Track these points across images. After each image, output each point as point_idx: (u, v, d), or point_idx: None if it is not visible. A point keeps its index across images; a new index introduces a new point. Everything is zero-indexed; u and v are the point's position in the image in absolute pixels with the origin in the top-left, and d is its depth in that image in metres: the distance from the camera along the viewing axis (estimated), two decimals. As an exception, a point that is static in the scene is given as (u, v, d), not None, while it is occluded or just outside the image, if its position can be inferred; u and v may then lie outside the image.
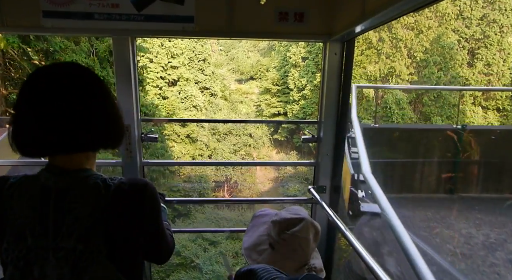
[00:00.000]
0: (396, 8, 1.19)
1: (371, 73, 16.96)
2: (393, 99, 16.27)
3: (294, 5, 1.87)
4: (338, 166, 2.13)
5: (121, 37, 1.84)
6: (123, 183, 0.91)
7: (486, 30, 18.51)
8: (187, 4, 1.80)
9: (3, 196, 0.89)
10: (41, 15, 1.75)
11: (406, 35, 16.55)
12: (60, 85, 0.88)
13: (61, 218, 0.86)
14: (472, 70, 18.70)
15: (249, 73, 32.14)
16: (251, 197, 19.36)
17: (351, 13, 1.63)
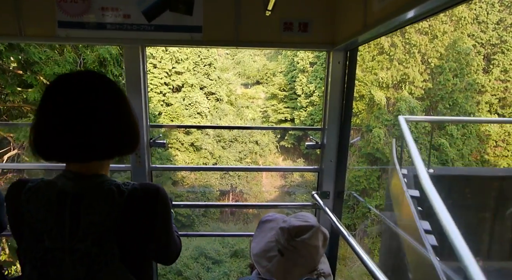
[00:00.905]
0: (397, 19, 1.23)
1: (383, 80, 16.14)
2: (406, 107, 15.42)
3: (299, 16, 1.95)
4: (341, 172, 2.18)
5: (132, 46, 1.93)
6: (136, 189, 0.94)
7: (503, 34, 17.61)
8: (196, 14, 1.91)
9: (21, 199, 0.93)
10: (57, 25, 1.86)
11: (420, 40, 15.73)
12: (80, 94, 0.92)
13: (76, 221, 0.89)
14: (488, 76, 17.79)
15: (255, 77, 31.61)
16: (255, 202, 19.41)
17: (353, 23, 1.67)
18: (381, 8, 1.37)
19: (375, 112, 16.64)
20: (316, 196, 2.20)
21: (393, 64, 16.47)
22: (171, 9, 1.93)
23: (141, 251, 0.97)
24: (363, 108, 17.43)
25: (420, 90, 16.33)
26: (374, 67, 16.86)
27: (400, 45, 16.23)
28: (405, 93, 15.96)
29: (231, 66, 30.24)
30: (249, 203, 19.35)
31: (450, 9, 1.10)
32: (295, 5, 1.97)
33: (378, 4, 1.40)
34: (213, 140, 20.25)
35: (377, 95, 16.15)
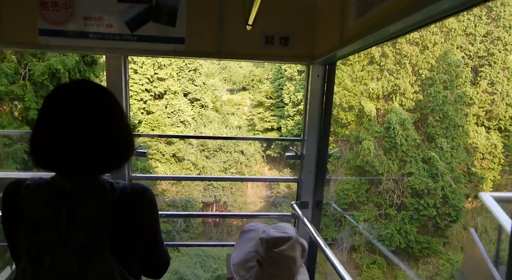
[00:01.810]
0: (372, 37, 1.33)
1: (373, 91, 15.49)
2: (397, 119, 14.80)
3: (280, 30, 2.03)
4: (320, 183, 2.25)
5: (114, 56, 1.95)
6: (126, 188, 1.02)
7: (490, 47, 17.33)
8: (179, 26, 1.96)
9: (20, 195, 0.98)
10: (38, 33, 1.86)
11: (411, 50, 15.18)
12: (73, 105, 0.94)
13: (72, 215, 0.95)
14: (476, 88, 17.48)
15: (241, 83, 31.51)
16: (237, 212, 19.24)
17: (331, 39, 1.77)
18: (356, 26, 1.47)
19: (364, 123, 15.99)
20: (295, 206, 2.25)
21: (383, 74, 15.88)
22: (154, 20, 1.95)
23: (130, 245, 1.02)
24: (352, 119, 16.74)
25: (411, 101, 15.78)
26: (364, 77, 16.22)
27: (391, 55, 15.68)
28: (396, 105, 15.35)
29: (217, 72, 29.36)
30: (230, 212, 18.57)
31: (423, 28, 1.17)
32: (276, 20, 2.03)
33: (354, 22, 1.49)
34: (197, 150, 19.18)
35: (367, 106, 15.54)
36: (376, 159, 15.82)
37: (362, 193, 17.00)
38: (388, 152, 16.16)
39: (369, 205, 17.11)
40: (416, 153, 16.10)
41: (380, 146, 16.17)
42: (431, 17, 1.05)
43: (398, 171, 16.19)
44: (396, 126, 15.33)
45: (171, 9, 1.96)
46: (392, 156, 16.00)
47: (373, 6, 1.31)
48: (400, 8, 1.11)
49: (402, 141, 15.45)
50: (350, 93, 16.62)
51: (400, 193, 16.37)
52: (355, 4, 1.47)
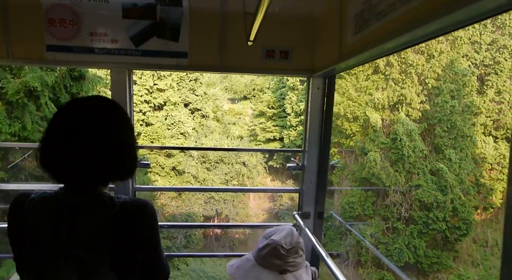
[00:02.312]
0: (369, 53, 1.39)
1: (378, 101, 14.98)
2: (404, 130, 14.27)
3: (280, 44, 2.12)
4: (321, 193, 2.29)
5: (119, 70, 2.03)
6: (126, 202, 1.03)
7: (496, 55, 16.90)
8: (182, 41, 2.04)
9: (24, 209, 1.01)
10: (45, 49, 1.95)
11: (417, 59, 14.71)
12: (89, 118, 1.00)
13: (72, 229, 0.97)
14: (483, 97, 16.98)
15: (242, 93, 31.95)
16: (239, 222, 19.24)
17: (330, 54, 1.85)
18: (354, 42, 1.54)
19: (370, 134, 15.44)
20: (297, 216, 2.27)
21: (389, 84, 15.42)
22: (158, 36, 2.02)
23: (129, 260, 1.02)
24: (357, 130, 16.21)
25: (418, 112, 15.26)
26: (369, 87, 15.75)
27: (396, 64, 15.23)
28: (402, 115, 14.84)
29: (218, 81, 29.17)
30: (231, 223, 19.04)
31: (418, 44, 1.23)
32: (277, 34, 2.11)
33: (352, 37, 1.56)
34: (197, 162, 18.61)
35: (372, 116, 15.03)
36: (382, 171, 15.22)
37: (369, 206, 16.44)
38: (394, 164, 15.64)
39: (376, 219, 16.45)
40: (423, 165, 15.55)
41: (386, 157, 15.63)
42: (426, 35, 1.10)
43: (406, 183, 15.59)
44: (403, 137, 14.87)
45: (174, 25, 2.02)
46: (399, 168, 15.48)
47: (370, 23, 1.37)
48: (396, 26, 1.17)
49: (409, 153, 14.93)
50: (355, 103, 16.13)
51: (408, 206, 15.81)
52: (353, 21, 1.54)
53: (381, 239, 16.25)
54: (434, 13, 0.95)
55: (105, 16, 1.97)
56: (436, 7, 0.95)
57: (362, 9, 1.45)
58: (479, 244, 17.36)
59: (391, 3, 1.21)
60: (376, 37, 1.31)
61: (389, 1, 1.22)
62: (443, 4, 0.91)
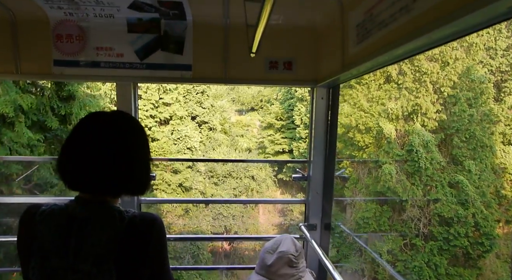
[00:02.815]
0: (372, 62, 1.42)
1: (392, 111, 14.39)
2: (420, 141, 13.63)
3: (283, 55, 2.17)
4: (328, 204, 2.28)
5: (125, 83, 2.10)
6: (135, 216, 1.05)
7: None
8: (186, 54, 2.11)
9: (35, 220, 1.04)
10: (52, 64, 2.03)
11: (431, 67, 14.16)
12: (109, 132, 1.05)
13: (80, 243, 0.99)
14: (501, 105, 16.30)
15: (249, 104, 32.29)
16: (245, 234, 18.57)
17: (333, 64, 1.89)
18: (357, 51, 1.58)
19: (384, 146, 14.79)
20: (303, 228, 2.27)
21: (402, 93, 14.86)
22: (162, 49, 2.08)
23: (136, 275, 1.02)
24: (370, 141, 15.58)
25: (434, 122, 14.62)
26: (381, 96, 15.22)
27: (409, 72, 14.67)
28: (418, 126, 14.21)
29: (225, 93, 29.17)
30: (238, 235, 18.49)
31: (420, 53, 1.40)
32: (280, 46, 2.16)
33: (354, 47, 1.60)
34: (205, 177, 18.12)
35: (386, 127, 14.40)
36: (398, 185, 14.53)
37: (384, 221, 15.77)
38: (411, 177, 14.94)
39: (393, 235, 15.68)
40: (441, 177, 14.79)
41: (402, 170, 14.92)
42: (428, 44, 1.12)
43: (423, 197, 14.85)
44: (419, 148, 14.21)
45: (178, 38, 2.09)
46: (416, 181, 14.80)
47: (371, 33, 1.41)
48: (398, 35, 1.20)
49: (426, 165, 14.23)
50: (367, 114, 15.54)
51: (426, 221, 15.07)
52: (355, 31, 1.58)
53: (399, 256, 15.45)
54: (435, 22, 0.97)
55: (111, 31, 2.04)
56: (437, 17, 0.97)
57: (364, 19, 1.48)
58: (503, 259, 16.52)
59: (392, 13, 1.24)
60: (378, 47, 1.33)
61: (390, 11, 1.25)
62: (444, 14, 0.93)
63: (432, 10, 1.01)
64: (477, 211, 14.49)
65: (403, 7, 1.17)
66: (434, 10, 1.00)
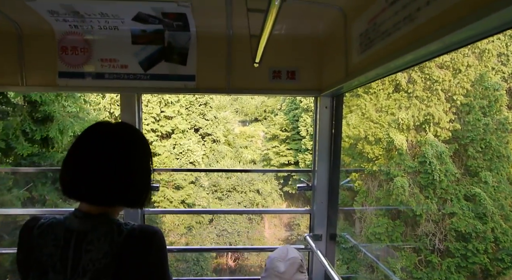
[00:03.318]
0: (375, 71, 1.45)
1: (402, 121, 13.81)
2: (433, 152, 13.01)
3: (286, 65, 2.21)
4: (333, 214, 2.29)
5: (129, 94, 2.16)
6: (134, 229, 1.03)
7: (525, 67, 15.90)
8: (189, 64, 2.15)
9: (33, 234, 1.04)
10: (57, 76, 2.10)
11: (443, 75, 13.64)
12: (103, 143, 1.05)
13: (78, 258, 0.99)
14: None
15: (253, 115, 32.17)
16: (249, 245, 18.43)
17: (337, 73, 1.92)
18: (360, 61, 1.60)
19: (395, 157, 14.17)
20: (309, 238, 2.25)
21: (412, 102, 14.31)
22: (166, 60, 2.13)
23: None
24: (380, 153, 14.95)
25: (447, 131, 14.00)
26: (391, 106, 14.67)
27: (420, 81, 14.14)
28: (430, 136, 13.61)
29: (228, 104, 29.01)
30: (243, 246, 17.87)
31: (424, 62, 1.27)
32: (283, 55, 2.21)
33: (357, 57, 1.62)
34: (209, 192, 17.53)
35: (396, 138, 13.80)
36: (411, 198, 13.85)
37: (397, 236, 15.04)
38: (424, 190, 14.24)
39: (406, 251, 14.95)
40: (457, 190, 14.12)
41: (414, 182, 14.26)
42: (432, 53, 1.14)
43: (438, 211, 14.16)
44: (433, 160, 13.53)
45: (182, 49, 2.13)
46: (430, 194, 14.07)
47: (375, 42, 1.43)
48: (401, 45, 1.22)
49: (441, 177, 13.54)
50: (376, 124, 14.97)
51: (442, 236, 14.32)
52: (358, 40, 1.61)
53: (414, 274, 14.70)
54: (440, 31, 0.98)
55: (115, 43, 2.09)
56: (442, 25, 0.98)
57: (367, 29, 1.51)
58: (525, 276, 15.66)
59: (395, 23, 1.26)
60: (381, 56, 1.35)
61: (394, 20, 1.26)
62: (448, 22, 0.95)
63: (437, 18, 1.02)
64: (496, 226, 13.80)
65: (407, 16, 1.18)
66: (439, 19, 1.01)
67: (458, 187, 14.56)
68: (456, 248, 14.35)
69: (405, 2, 1.18)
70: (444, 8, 0.98)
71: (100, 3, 1.85)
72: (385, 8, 1.33)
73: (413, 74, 14.94)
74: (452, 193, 14.49)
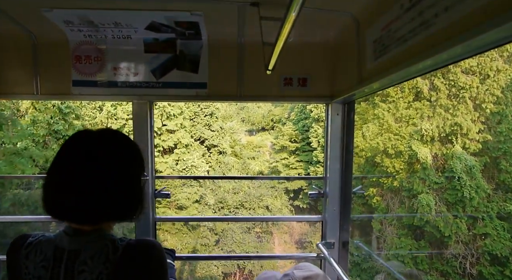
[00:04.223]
0: (389, 78, 1.44)
1: (426, 132, 12.39)
2: (463, 167, 11.53)
3: (298, 72, 2.23)
4: (345, 222, 2.28)
5: (141, 102, 2.20)
6: (130, 245, 0.97)
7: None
8: (201, 72, 2.17)
9: (20, 254, 0.99)
10: (71, 84, 2.15)
11: (470, 81, 12.23)
12: (84, 155, 0.97)
13: (70, 278, 0.93)
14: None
15: (260, 124, 30.52)
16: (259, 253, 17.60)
17: (349, 80, 1.92)
18: (374, 67, 1.60)
19: (419, 172, 12.72)
20: (321, 246, 2.25)
21: (436, 111, 12.87)
22: (178, 68, 2.16)
23: None
24: (401, 167, 13.51)
25: (476, 143, 12.51)
26: (412, 116, 13.27)
27: (444, 88, 12.75)
28: (458, 148, 12.14)
29: (235, 113, 28.30)
30: (253, 254, 16.78)
31: (441, 68, 1.24)
32: (295, 62, 2.21)
33: (371, 63, 1.63)
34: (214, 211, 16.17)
35: (420, 151, 12.35)
36: (438, 218, 12.37)
37: (422, 259, 13.46)
38: (452, 208, 12.73)
39: (433, 275, 13.43)
40: (489, 208, 12.59)
41: (441, 200, 12.77)
42: (450, 59, 1.13)
43: (468, 231, 12.64)
44: (462, 175, 12.02)
45: (193, 57, 2.17)
46: (459, 212, 12.53)
47: (390, 49, 1.42)
48: (418, 51, 1.21)
49: (471, 194, 12.04)
50: (396, 135, 13.58)
51: (473, 259, 12.76)
52: (372, 47, 1.61)
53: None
54: (458, 37, 0.98)
55: (128, 51, 2.14)
56: (459, 32, 0.98)
57: (381, 35, 1.51)
58: None
59: (412, 29, 1.25)
60: (397, 62, 1.35)
61: (410, 26, 1.26)
62: (465, 29, 0.95)
63: (455, 24, 1.02)
64: (537, 247, 12.30)
65: (424, 22, 1.17)
66: (457, 25, 1.01)
67: (490, 204, 13.07)
68: (490, 272, 13.15)
69: (422, 9, 1.19)
70: (463, 14, 0.98)
71: (115, 13, 1.90)
72: (400, 15, 1.32)
73: (435, 80, 13.60)
74: (484, 211, 12.99)
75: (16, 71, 2.13)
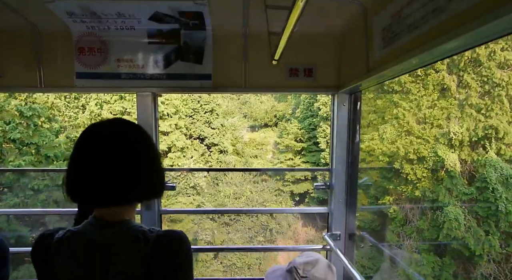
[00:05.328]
0: (399, 66, 1.38)
1: (455, 135, 10.57)
2: (498, 177, 9.75)
3: (304, 62, 2.17)
4: (352, 213, 2.27)
5: (145, 94, 2.17)
6: (160, 236, 1.02)
7: None
8: (205, 63, 2.11)
9: (51, 252, 1.01)
10: (75, 76, 2.12)
11: (507, 77, 10.36)
12: (112, 141, 1.01)
13: (105, 270, 0.96)
14: None
15: (263, 120, 29.28)
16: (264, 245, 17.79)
17: (356, 69, 1.89)
18: (382, 56, 1.54)
19: (445, 181, 10.94)
20: (327, 238, 2.25)
21: (465, 111, 11.02)
22: (182, 59, 2.13)
23: None
24: (424, 174, 11.72)
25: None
26: (437, 116, 11.39)
27: (475, 84, 10.85)
28: (492, 155, 10.34)
29: (236, 108, 27.20)
30: (259, 246, 15.51)
31: (450, 57, 1.21)
32: (300, 52, 2.18)
33: (379, 52, 1.57)
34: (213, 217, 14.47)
35: (448, 157, 10.53)
36: (468, 234, 10.63)
37: (447, 278, 11.68)
38: (483, 222, 10.96)
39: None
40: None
41: (470, 213, 11.02)
42: (468, 44, 1.08)
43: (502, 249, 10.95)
44: (497, 186, 10.23)
45: (198, 48, 2.16)
46: (491, 228, 10.78)
47: (399, 36, 1.39)
48: (431, 37, 1.18)
49: (507, 207, 10.29)
50: (418, 139, 11.76)
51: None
52: (380, 35, 1.57)
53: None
54: (472, 23, 0.94)
55: (131, 43, 2.14)
56: (475, 17, 0.93)
57: (390, 23, 1.46)
58: None
59: (423, 15, 1.20)
60: (407, 50, 1.30)
61: (421, 12, 1.22)
62: (481, 14, 0.91)
63: (470, 10, 0.97)
64: None
65: (436, 8, 1.12)
66: (473, 9, 0.96)
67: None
68: (525, 293, 11.29)
69: None
70: None
71: (118, 3, 1.91)
72: (411, 1, 1.28)
73: (465, 76, 11.74)
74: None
75: (19, 64, 2.14)
